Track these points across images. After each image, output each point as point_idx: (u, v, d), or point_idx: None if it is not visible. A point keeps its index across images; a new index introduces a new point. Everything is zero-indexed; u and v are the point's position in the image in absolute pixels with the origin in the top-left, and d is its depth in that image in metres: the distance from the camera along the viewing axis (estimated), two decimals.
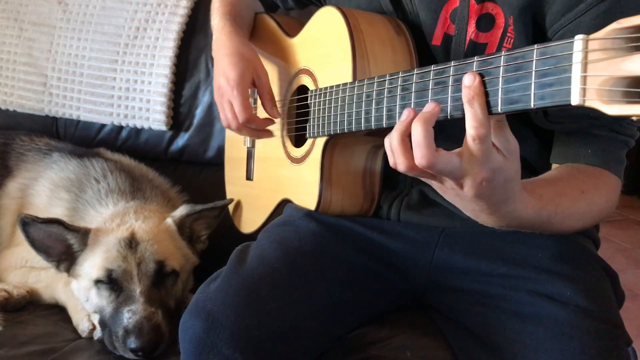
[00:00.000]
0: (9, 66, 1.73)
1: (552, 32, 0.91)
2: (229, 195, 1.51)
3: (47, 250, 1.24)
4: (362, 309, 1.07)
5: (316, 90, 1.06)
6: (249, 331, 0.88)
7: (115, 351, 1.15)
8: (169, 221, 1.31)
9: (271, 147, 1.24)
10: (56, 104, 1.72)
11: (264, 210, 1.26)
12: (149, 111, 1.66)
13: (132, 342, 1.11)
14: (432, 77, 0.75)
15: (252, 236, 1.29)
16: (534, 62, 0.62)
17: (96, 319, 1.22)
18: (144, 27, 1.67)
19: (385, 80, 0.85)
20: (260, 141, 1.31)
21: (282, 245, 1.03)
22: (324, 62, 1.07)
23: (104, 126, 1.73)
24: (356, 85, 0.92)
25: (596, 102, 0.56)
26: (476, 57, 0.69)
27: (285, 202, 1.19)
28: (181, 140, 1.71)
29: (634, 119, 0.54)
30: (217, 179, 1.66)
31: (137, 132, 1.72)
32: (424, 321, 1.10)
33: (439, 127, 1.02)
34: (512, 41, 0.94)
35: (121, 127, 1.72)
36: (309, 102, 1.08)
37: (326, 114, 1.00)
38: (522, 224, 0.85)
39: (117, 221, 1.27)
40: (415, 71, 0.78)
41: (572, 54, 0.58)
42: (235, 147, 1.45)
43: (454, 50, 0.99)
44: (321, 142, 1.05)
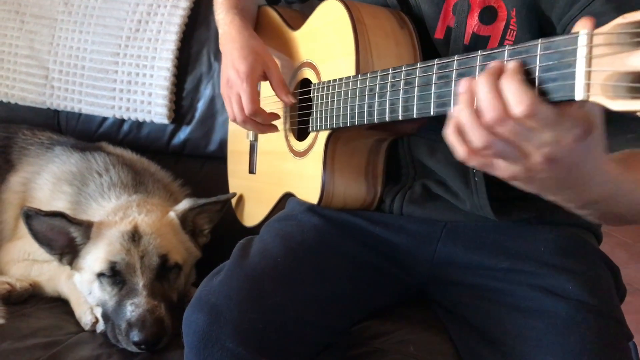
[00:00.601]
0: (11, 59, 1.73)
1: (562, 25, 0.90)
2: (231, 188, 1.51)
3: (49, 243, 1.25)
4: (364, 303, 1.07)
5: (319, 83, 1.06)
6: (253, 325, 0.89)
7: (118, 344, 1.15)
8: (172, 215, 1.31)
9: (274, 140, 1.24)
10: (58, 97, 1.71)
11: (266, 203, 1.26)
12: (150, 104, 1.66)
13: (135, 335, 1.12)
14: (435, 72, 0.74)
15: (254, 230, 1.29)
16: (538, 56, 0.61)
17: (99, 312, 1.23)
18: (146, 20, 1.67)
19: (388, 74, 0.85)
20: (263, 135, 1.31)
21: (284, 239, 1.03)
22: (327, 55, 1.07)
23: (105, 119, 1.73)
24: (359, 78, 0.92)
25: (600, 98, 0.55)
26: (479, 52, 0.68)
27: (287, 196, 1.20)
28: (183, 133, 1.71)
29: (638, 114, 0.54)
30: (218, 173, 1.66)
31: (138, 125, 1.72)
32: (427, 315, 1.10)
33: (443, 121, 1.02)
34: (514, 34, 0.94)
35: (123, 121, 1.72)
36: (312, 95, 1.08)
37: (329, 107, 1.00)
38: (593, 196, 0.74)
39: (120, 214, 1.27)
40: (418, 65, 0.77)
41: (576, 48, 0.57)
42: (238, 141, 1.45)
43: (453, 43, 0.99)
44: (324, 135, 1.05)
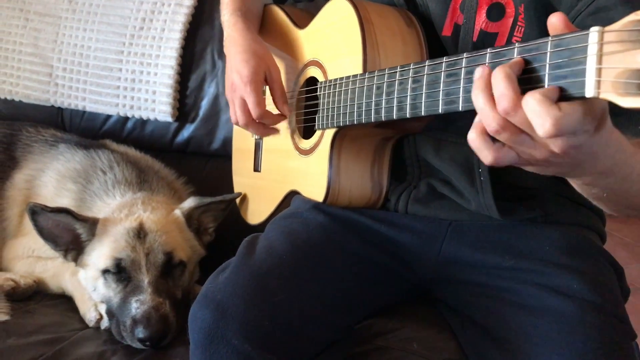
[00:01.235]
0: (15, 56, 1.73)
1: (570, 19, 0.89)
2: (236, 186, 1.51)
3: (55, 239, 1.25)
4: (369, 301, 1.08)
5: (326, 81, 1.06)
6: (259, 322, 0.89)
7: (122, 341, 1.16)
8: (177, 212, 1.31)
9: (279, 138, 1.24)
10: (62, 95, 1.72)
11: (271, 201, 1.27)
12: (154, 102, 1.66)
13: (140, 332, 1.12)
14: (444, 69, 0.74)
15: (258, 228, 1.30)
16: (548, 54, 0.61)
17: (103, 308, 1.23)
18: (150, 18, 1.67)
19: (396, 72, 0.85)
20: None
21: (290, 237, 1.04)
22: (334, 54, 1.07)
23: (109, 117, 1.73)
24: (366, 76, 0.92)
25: (611, 95, 0.55)
26: (489, 49, 0.68)
27: (292, 194, 1.20)
28: (187, 131, 1.71)
29: None
30: (222, 171, 1.66)
31: (142, 123, 1.72)
32: (431, 313, 1.11)
33: (449, 120, 1.02)
34: (522, 30, 0.94)
35: (127, 118, 1.72)
36: (318, 93, 1.08)
37: (335, 105, 1.00)
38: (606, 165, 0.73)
39: (125, 212, 1.27)
40: (426, 63, 0.77)
41: (587, 46, 0.57)
42: (243, 139, 1.45)
43: (462, 40, 0.99)
44: (330, 133, 1.05)
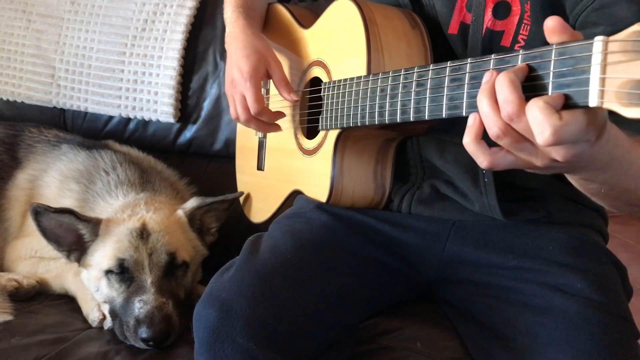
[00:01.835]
0: (17, 58, 1.73)
1: (574, 16, 0.90)
2: (239, 184, 1.51)
3: (57, 239, 1.25)
4: (372, 300, 1.08)
5: (330, 82, 1.06)
6: (263, 321, 0.89)
7: (126, 341, 1.16)
8: (180, 213, 1.32)
9: (283, 138, 1.24)
10: (64, 96, 1.72)
11: (274, 200, 1.27)
12: (156, 103, 1.66)
13: (144, 332, 1.12)
14: (448, 74, 0.74)
15: (260, 227, 1.30)
16: (552, 62, 0.61)
17: (106, 308, 1.23)
18: (152, 20, 1.67)
19: (400, 75, 0.85)
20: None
21: (294, 236, 1.04)
22: (338, 55, 1.08)
23: (111, 118, 1.73)
24: (371, 79, 0.92)
25: (614, 105, 0.55)
26: (493, 55, 0.68)
27: (295, 193, 1.20)
28: (189, 132, 1.72)
29: None
30: (224, 171, 1.67)
31: (144, 124, 1.72)
32: (434, 312, 1.11)
33: (453, 122, 1.02)
34: (528, 28, 0.94)
35: (129, 119, 1.72)
36: (322, 94, 1.08)
37: (339, 106, 1.01)
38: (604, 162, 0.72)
39: (128, 212, 1.27)
40: (431, 67, 0.77)
41: (591, 55, 0.57)
42: (246, 137, 1.46)
43: (471, 38, 0.99)
44: (334, 134, 1.05)
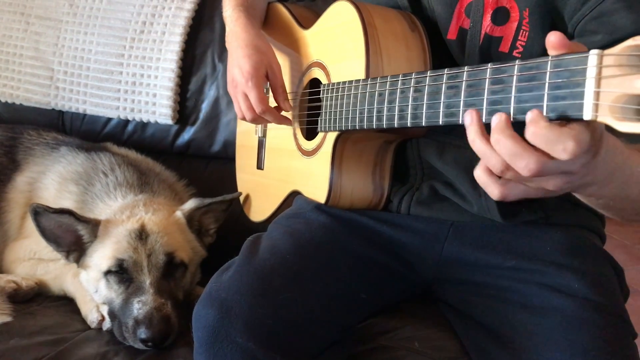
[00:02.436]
0: (16, 60, 1.74)
1: (573, 24, 0.91)
2: (239, 182, 1.51)
3: (57, 240, 1.26)
4: (371, 300, 1.08)
5: (329, 84, 1.07)
6: (263, 320, 0.89)
7: (124, 342, 1.16)
8: (179, 214, 1.32)
9: (282, 138, 1.25)
10: (62, 98, 1.72)
11: (273, 200, 1.27)
12: (155, 105, 1.67)
13: (143, 333, 1.12)
14: (445, 81, 0.75)
15: (259, 227, 1.30)
16: (548, 73, 0.61)
17: (105, 310, 1.23)
18: (151, 22, 1.68)
19: (398, 80, 0.85)
20: (271, 132, 1.32)
21: (293, 236, 1.04)
22: (337, 56, 1.08)
23: (110, 120, 1.74)
24: (369, 82, 0.92)
25: (608, 119, 0.56)
26: (490, 65, 0.68)
27: (295, 194, 1.20)
28: (187, 134, 1.72)
29: None
30: (223, 173, 1.67)
31: (143, 126, 1.72)
32: (432, 312, 1.11)
33: (449, 127, 1.03)
34: (527, 34, 0.95)
35: (127, 121, 1.73)
36: (321, 96, 1.08)
37: (338, 109, 1.01)
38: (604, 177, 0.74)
39: (127, 213, 1.28)
40: (428, 73, 0.78)
41: (586, 68, 0.57)
42: (246, 136, 1.46)
43: (468, 43, 0.99)
44: (332, 136, 1.06)
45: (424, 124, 0.79)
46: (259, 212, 1.37)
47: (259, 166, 1.38)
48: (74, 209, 1.34)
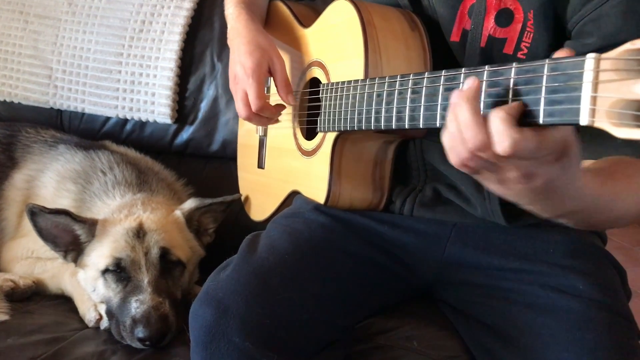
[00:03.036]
0: (14, 58, 1.73)
1: (572, 24, 0.90)
2: (240, 181, 1.51)
3: (54, 240, 1.25)
4: (370, 301, 1.08)
5: (328, 84, 1.06)
6: (260, 320, 0.89)
7: (122, 341, 1.16)
8: (178, 213, 1.32)
9: (283, 137, 1.24)
10: (61, 97, 1.72)
11: (273, 200, 1.27)
12: (154, 104, 1.66)
13: (140, 332, 1.12)
14: (442, 83, 0.74)
15: (258, 226, 1.29)
16: (545, 77, 0.60)
17: (102, 309, 1.23)
18: (150, 21, 1.68)
19: (396, 81, 0.84)
20: (272, 131, 1.32)
21: (292, 236, 1.04)
22: (337, 56, 1.07)
23: (108, 119, 1.73)
24: (367, 83, 0.91)
25: (605, 124, 0.54)
26: (487, 67, 0.67)
27: (295, 194, 1.20)
28: (186, 133, 1.71)
29: None
30: (221, 172, 1.67)
31: (141, 125, 1.72)
32: (431, 311, 1.11)
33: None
34: (531, 36, 0.94)
35: (126, 120, 1.72)
36: (320, 96, 1.08)
37: (337, 109, 1.00)
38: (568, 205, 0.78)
39: (125, 212, 1.27)
40: (426, 75, 0.77)
41: (583, 72, 0.56)
42: (248, 134, 1.46)
43: (469, 45, 0.98)
44: (332, 136, 1.05)
45: (421, 125, 0.78)
46: (259, 211, 1.36)
47: (260, 165, 1.37)
48: (72, 207, 1.34)
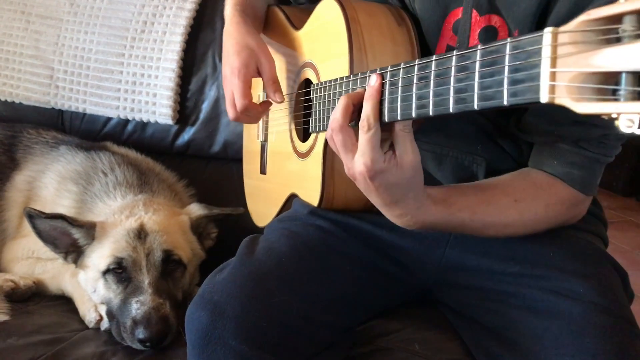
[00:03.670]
0: (16, 59, 1.73)
1: None
2: (246, 188, 1.51)
3: (54, 242, 1.26)
4: (368, 304, 1.07)
5: (318, 84, 1.05)
6: (256, 322, 0.89)
7: (122, 342, 1.16)
8: (185, 217, 1.32)
9: (281, 141, 1.24)
10: (62, 97, 1.72)
11: (275, 204, 1.26)
12: (155, 105, 1.66)
13: (141, 333, 1.12)
14: (416, 72, 0.73)
15: (256, 230, 1.29)
16: (507, 56, 0.59)
17: (103, 309, 1.23)
18: (152, 21, 1.68)
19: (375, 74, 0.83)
20: (272, 135, 1.31)
21: (290, 239, 1.03)
22: (325, 55, 1.07)
23: (109, 120, 1.73)
24: (351, 79, 0.90)
25: (566, 100, 0.52)
26: (455, 52, 0.67)
27: (293, 197, 1.19)
28: (187, 134, 1.71)
29: (604, 117, 0.50)
30: (222, 173, 1.67)
31: (143, 126, 1.72)
32: (432, 314, 1.11)
33: (449, 135, 1.03)
34: None
35: (127, 121, 1.72)
36: (311, 96, 1.07)
37: (325, 107, 0.99)
38: (426, 226, 0.89)
39: (126, 213, 1.27)
40: (401, 65, 0.76)
41: (541, 48, 0.55)
42: (250, 141, 1.46)
43: None
44: (324, 136, 1.04)
45: (399, 118, 0.76)
46: (263, 217, 1.36)
47: (262, 171, 1.37)
48: (73, 208, 1.34)
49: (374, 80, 0.78)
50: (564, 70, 0.53)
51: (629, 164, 3.68)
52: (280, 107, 1.23)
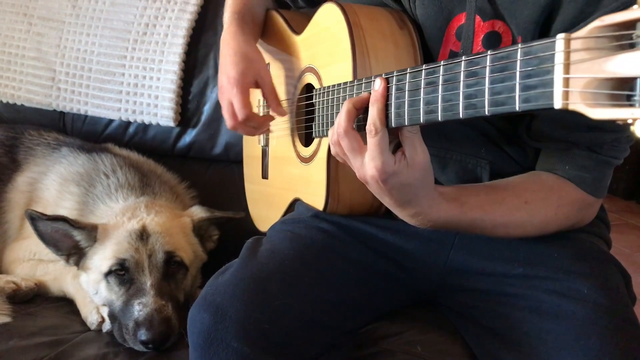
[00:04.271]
0: (18, 60, 1.73)
1: None
2: (247, 193, 1.51)
3: (56, 244, 1.26)
4: (372, 307, 1.07)
5: (320, 89, 1.05)
6: (258, 324, 0.89)
7: (125, 343, 1.16)
8: (187, 219, 1.32)
9: (283, 146, 1.24)
10: (64, 99, 1.72)
11: (278, 209, 1.26)
12: (157, 107, 1.66)
13: (143, 335, 1.12)
14: (423, 77, 0.73)
15: (258, 233, 1.29)
16: (518, 62, 0.59)
17: (105, 311, 1.23)
18: (154, 24, 1.68)
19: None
20: (273, 140, 1.31)
21: (292, 241, 1.03)
22: (327, 60, 1.06)
23: (111, 121, 1.73)
24: (355, 84, 0.90)
25: (580, 106, 0.53)
26: (463, 57, 0.67)
27: (297, 202, 1.19)
28: (189, 136, 1.71)
29: (619, 123, 0.51)
30: (224, 176, 1.67)
31: (144, 128, 1.72)
32: (435, 316, 1.11)
33: (452, 139, 1.03)
34: None
35: (129, 123, 1.72)
36: (313, 101, 1.07)
37: (329, 112, 0.99)
38: (439, 225, 0.89)
39: (128, 215, 1.28)
40: (408, 70, 0.76)
41: (554, 54, 0.55)
42: (251, 145, 1.45)
43: None
44: (327, 141, 1.03)
45: (406, 123, 0.76)
46: (265, 221, 1.35)
47: (264, 175, 1.37)
48: (75, 210, 1.34)
49: (378, 84, 0.78)
50: (578, 76, 0.53)
51: (630, 167, 3.68)
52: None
